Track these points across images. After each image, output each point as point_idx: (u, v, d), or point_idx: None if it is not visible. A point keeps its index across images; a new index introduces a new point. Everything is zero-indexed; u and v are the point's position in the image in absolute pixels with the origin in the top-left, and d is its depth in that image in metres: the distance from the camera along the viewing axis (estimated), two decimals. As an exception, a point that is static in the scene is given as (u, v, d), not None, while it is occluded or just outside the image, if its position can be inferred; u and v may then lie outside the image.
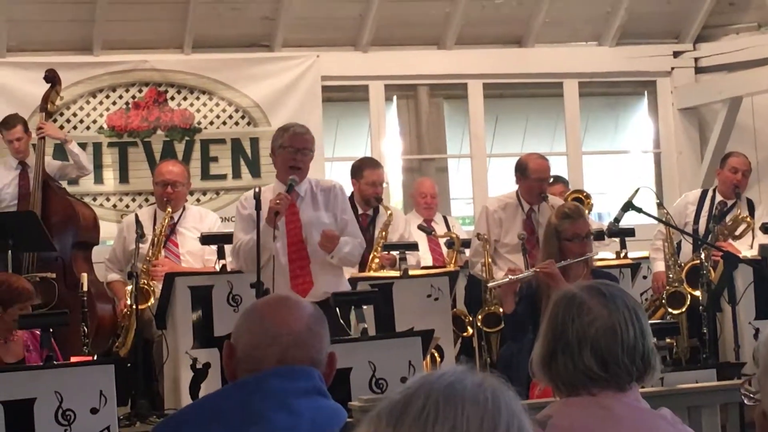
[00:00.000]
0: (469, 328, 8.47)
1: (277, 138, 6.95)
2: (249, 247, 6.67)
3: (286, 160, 6.82)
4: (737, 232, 8.73)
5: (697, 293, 8.26)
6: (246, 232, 6.78)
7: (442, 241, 9.28)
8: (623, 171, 12.03)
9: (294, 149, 6.81)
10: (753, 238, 8.74)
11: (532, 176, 8.13)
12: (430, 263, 9.14)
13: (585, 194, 9.55)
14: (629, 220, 8.34)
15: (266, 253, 6.62)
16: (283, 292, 6.11)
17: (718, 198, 8.97)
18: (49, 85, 8.89)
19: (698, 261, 8.30)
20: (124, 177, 10.28)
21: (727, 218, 8.76)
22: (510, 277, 6.93)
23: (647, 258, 8.94)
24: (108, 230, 9.32)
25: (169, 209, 8.32)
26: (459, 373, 1.75)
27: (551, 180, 8.73)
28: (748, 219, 8.76)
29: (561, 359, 2.83)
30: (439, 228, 9.54)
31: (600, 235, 8.18)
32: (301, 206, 6.85)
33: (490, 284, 7.70)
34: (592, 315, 2.84)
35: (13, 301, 6.48)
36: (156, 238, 8.21)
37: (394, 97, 11.33)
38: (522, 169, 8.20)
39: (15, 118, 8.90)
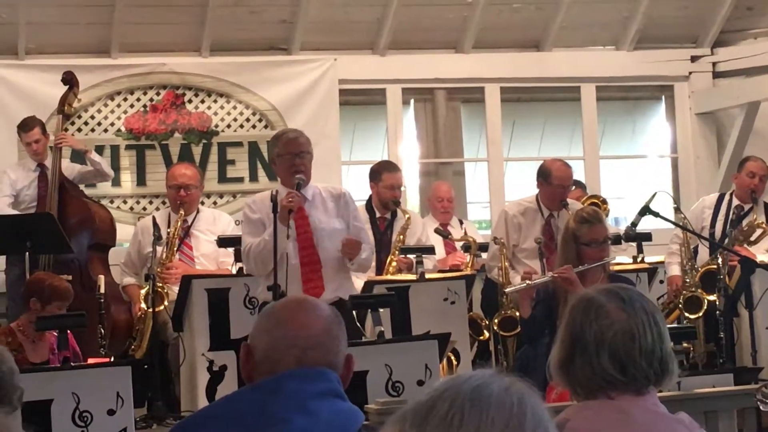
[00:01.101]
0: (485, 331, 8.45)
1: (272, 147, 6.94)
2: (260, 249, 6.64)
3: (287, 167, 6.80)
4: (752, 238, 8.69)
5: (713, 298, 8.24)
6: (254, 235, 6.74)
7: (458, 244, 9.28)
8: (640, 175, 11.99)
9: (292, 155, 6.78)
10: (770, 243, 8.72)
11: (554, 183, 8.08)
12: (446, 267, 9.13)
13: (601, 200, 9.52)
14: (646, 224, 8.33)
15: (278, 253, 6.59)
16: (297, 294, 6.11)
17: (735, 202, 8.93)
18: (66, 88, 8.93)
19: (714, 265, 8.28)
20: (141, 179, 10.30)
21: (744, 223, 8.73)
22: (528, 282, 6.91)
23: (664, 263, 8.91)
24: (125, 232, 9.32)
25: (182, 212, 8.33)
26: (486, 377, 1.74)
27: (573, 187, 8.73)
28: (764, 225, 8.72)
29: (579, 362, 2.83)
30: (456, 232, 9.53)
31: (617, 240, 8.15)
32: (310, 210, 6.83)
33: (507, 290, 7.69)
34: (610, 318, 2.83)
35: (52, 300, 6.66)
36: (170, 241, 8.22)
37: (412, 101, 11.32)
38: (545, 175, 8.15)
39: (33, 121, 8.92)
